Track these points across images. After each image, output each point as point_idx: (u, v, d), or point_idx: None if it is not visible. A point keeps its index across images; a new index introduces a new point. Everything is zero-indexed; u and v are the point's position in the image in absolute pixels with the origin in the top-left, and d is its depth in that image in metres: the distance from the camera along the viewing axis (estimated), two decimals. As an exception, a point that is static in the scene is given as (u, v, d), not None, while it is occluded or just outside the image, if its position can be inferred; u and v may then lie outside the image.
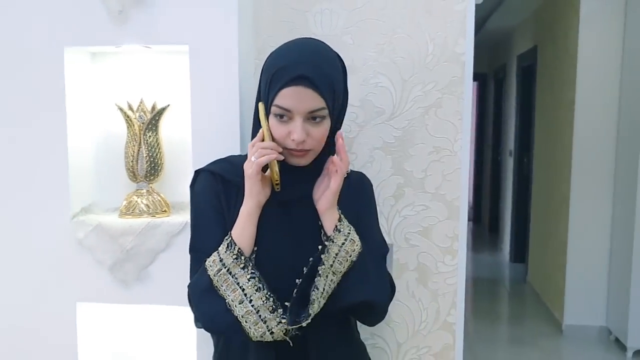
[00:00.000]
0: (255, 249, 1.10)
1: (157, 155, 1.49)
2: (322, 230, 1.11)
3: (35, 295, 1.45)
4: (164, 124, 1.49)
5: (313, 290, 1.07)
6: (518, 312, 4.91)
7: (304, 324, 1.06)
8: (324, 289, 1.07)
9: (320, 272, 1.07)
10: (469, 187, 1.17)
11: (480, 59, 4.45)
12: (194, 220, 1.17)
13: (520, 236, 5.83)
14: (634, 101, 3.70)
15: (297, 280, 1.08)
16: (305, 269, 1.08)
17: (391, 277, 1.19)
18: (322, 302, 1.08)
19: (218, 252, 1.08)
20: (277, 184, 1.09)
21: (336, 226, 1.09)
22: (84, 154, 1.51)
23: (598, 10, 3.93)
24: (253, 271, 1.06)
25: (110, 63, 1.55)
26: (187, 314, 1.42)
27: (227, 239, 1.08)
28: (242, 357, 1.12)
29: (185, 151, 1.53)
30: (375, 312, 1.16)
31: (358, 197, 1.20)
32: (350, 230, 1.11)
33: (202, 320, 1.09)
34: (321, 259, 1.08)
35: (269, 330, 1.05)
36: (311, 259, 1.08)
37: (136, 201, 1.47)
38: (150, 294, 1.42)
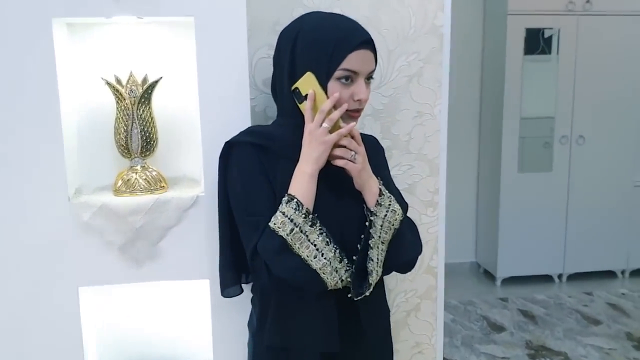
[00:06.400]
0: None
1: (151, 130, 1.45)
2: (365, 205, 1.21)
3: (35, 284, 1.37)
4: (155, 97, 1.46)
5: (369, 263, 1.18)
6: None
7: (367, 294, 1.18)
8: (377, 259, 1.19)
9: (371, 244, 1.18)
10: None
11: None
12: (243, 188, 1.20)
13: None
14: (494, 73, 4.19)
15: (357, 245, 1.19)
16: (356, 240, 1.19)
17: (417, 228, 1.33)
18: (380, 270, 1.20)
19: (285, 214, 1.13)
20: None
21: (377, 200, 1.20)
22: (70, 132, 1.43)
23: None
24: (321, 227, 1.14)
25: (90, 35, 1.46)
26: (200, 287, 1.46)
27: (292, 201, 1.13)
28: (301, 311, 1.21)
29: (178, 125, 1.52)
30: (411, 265, 1.31)
31: (375, 159, 1.30)
32: (390, 201, 1.22)
33: (284, 276, 1.14)
34: (370, 233, 1.19)
35: (340, 279, 1.16)
36: (362, 236, 1.19)
37: (135, 178, 1.43)
38: (163, 271, 1.41)
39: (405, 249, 1.25)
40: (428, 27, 1.56)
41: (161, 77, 1.44)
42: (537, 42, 4.06)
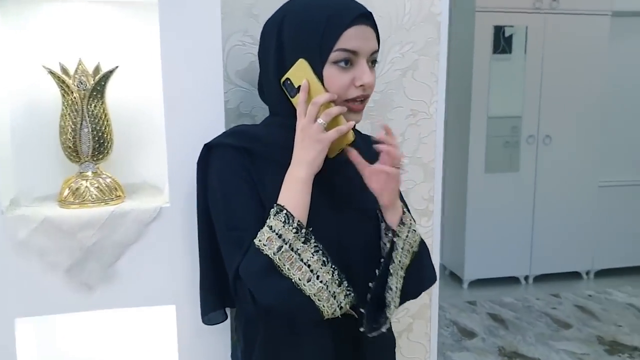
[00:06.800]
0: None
1: (104, 129, 1.22)
2: (384, 223, 1.02)
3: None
4: (109, 91, 1.23)
5: (387, 292, 1.00)
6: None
7: (383, 330, 1.00)
8: (396, 287, 1.01)
9: (391, 271, 1.00)
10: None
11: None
12: (224, 198, 1.00)
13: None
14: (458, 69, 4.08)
15: (362, 265, 1.01)
16: (374, 266, 1.02)
17: (428, 250, 1.15)
18: (398, 300, 1.02)
19: (272, 229, 0.93)
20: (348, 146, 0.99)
21: (401, 219, 1.02)
22: (4, 131, 1.18)
23: None
24: (316, 244, 0.95)
25: (30, 15, 1.21)
26: (166, 313, 1.25)
27: (281, 212, 0.93)
28: (293, 344, 1.01)
29: (137, 123, 1.30)
30: (421, 292, 1.12)
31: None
32: (411, 220, 1.05)
33: (271, 303, 0.94)
34: (392, 256, 1.00)
35: (338, 306, 0.96)
36: (382, 259, 1.01)
37: (85, 186, 1.20)
38: (119, 297, 1.19)
39: (424, 275, 1.08)
40: (424, 14, 1.38)
41: (117, 67, 1.21)
42: (505, 41, 3.97)
